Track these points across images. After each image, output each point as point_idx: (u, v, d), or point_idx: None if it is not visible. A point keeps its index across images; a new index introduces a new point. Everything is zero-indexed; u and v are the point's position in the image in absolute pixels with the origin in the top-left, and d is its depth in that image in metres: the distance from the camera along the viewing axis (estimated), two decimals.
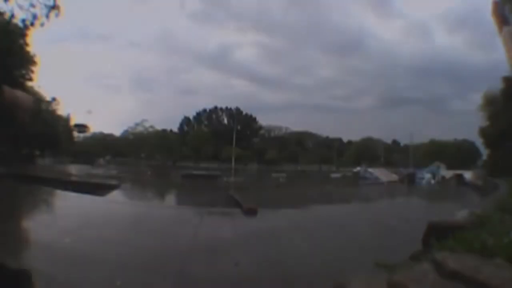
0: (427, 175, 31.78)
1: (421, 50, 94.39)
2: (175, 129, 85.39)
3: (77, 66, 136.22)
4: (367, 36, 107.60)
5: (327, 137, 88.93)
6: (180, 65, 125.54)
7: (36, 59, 25.89)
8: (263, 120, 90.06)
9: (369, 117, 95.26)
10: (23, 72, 25.25)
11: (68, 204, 8.81)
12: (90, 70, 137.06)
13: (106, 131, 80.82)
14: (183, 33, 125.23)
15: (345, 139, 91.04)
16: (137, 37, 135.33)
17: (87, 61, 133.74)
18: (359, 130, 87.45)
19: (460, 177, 30.60)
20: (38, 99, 35.71)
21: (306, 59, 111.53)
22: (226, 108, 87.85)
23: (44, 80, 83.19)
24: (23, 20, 8.13)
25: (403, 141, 76.85)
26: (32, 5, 7.75)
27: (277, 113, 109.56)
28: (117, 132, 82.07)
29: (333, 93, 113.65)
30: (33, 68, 26.10)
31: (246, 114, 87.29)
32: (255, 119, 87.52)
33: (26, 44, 22.63)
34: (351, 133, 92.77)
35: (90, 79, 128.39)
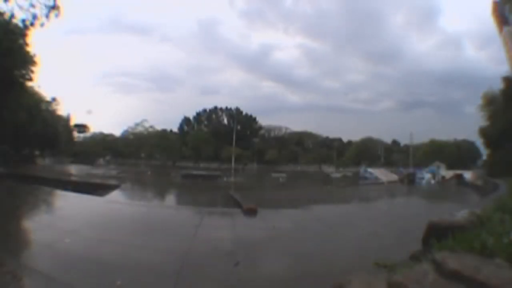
0: (427, 175, 31.80)
1: (446, 61, 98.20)
2: (175, 129, 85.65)
3: (94, 63, 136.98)
4: (402, 47, 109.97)
5: (327, 137, 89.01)
6: (207, 63, 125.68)
7: (36, 59, 25.86)
8: (280, 120, 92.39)
9: (385, 118, 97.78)
10: (23, 72, 25.20)
11: (68, 204, 8.80)
12: (113, 65, 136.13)
13: (106, 131, 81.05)
14: (224, 31, 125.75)
15: (345, 139, 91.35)
16: (171, 32, 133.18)
17: (106, 58, 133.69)
18: (374, 131, 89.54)
19: (460, 177, 30.64)
20: (38, 99, 35.65)
21: (340, 64, 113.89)
22: (226, 108, 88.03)
23: (53, 79, 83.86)
24: (23, 20, 8.12)
25: (403, 141, 76.99)
26: (32, 5, 7.74)
27: (296, 113, 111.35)
28: (117, 132, 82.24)
29: (356, 96, 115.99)
30: (33, 68, 26.05)
31: (246, 114, 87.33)
32: (255, 119, 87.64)
33: (26, 44, 22.62)
34: (351, 133, 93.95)
35: (107, 77, 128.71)
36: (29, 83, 27.69)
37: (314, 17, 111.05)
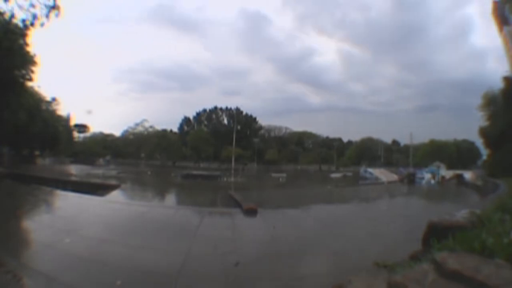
0: (427, 175, 31.77)
1: (468, 72, 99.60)
2: (175, 129, 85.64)
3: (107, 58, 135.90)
4: (431, 57, 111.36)
5: (327, 137, 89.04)
6: (240, 63, 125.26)
7: (36, 59, 25.86)
8: (298, 121, 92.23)
9: (398, 120, 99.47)
10: (23, 72, 25.20)
11: (68, 204, 8.80)
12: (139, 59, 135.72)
13: (106, 131, 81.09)
14: (272, 31, 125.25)
15: (345, 139, 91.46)
16: (212, 28, 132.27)
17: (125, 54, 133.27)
18: (376, 131, 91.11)
19: (460, 177, 30.62)
20: (38, 99, 35.61)
21: (371, 70, 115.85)
22: (226, 108, 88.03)
23: (53, 79, 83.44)
24: (23, 20, 8.10)
25: (403, 141, 77.07)
26: (32, 5, 7.73)
27: (314, 114, 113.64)
28: (117, 132, 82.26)
29: (375, 99, 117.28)
30: (33, 68, 26.04)
31: (246, 114, 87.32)
32: (255, 119, 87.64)
33: (26, 44, 22.62)
34: (351, 133, 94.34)
35: (129, 73, 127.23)
36: (29, 83, 27.72)
37: (362, 26, 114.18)
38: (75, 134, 70.78)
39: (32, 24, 8.01)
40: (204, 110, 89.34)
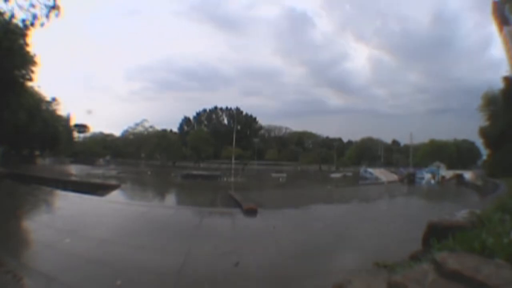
0: (427, 175, 31.77)
1: (483, 80, 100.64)
2: (175, 129, 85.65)
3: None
4: (454, 67, 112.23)
5: (327, 137, 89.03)
6: (270, 64, 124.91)
7: (36, 59, 25.85)
8: (318, 122, 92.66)
9: (412, 121, 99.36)
10: (23, 72, 25.20)
11: (68, 204, 8.80)
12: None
13: (106, 131, 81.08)
14: (311, 34, 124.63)
15: (345, 139, 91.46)
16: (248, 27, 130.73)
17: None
18: (379, 131, 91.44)
19: (460, 177, 30.62)
20: (38, 99, 35.60)
21: (397, 76, 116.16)
22: (226, 108, 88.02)
23: (53, 79, 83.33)
24: (23, 20, 8.10)
25: (403, 141, 77.07)
26: (32, 5, 7.73)
27: (331, 116, 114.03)
28: (117, 132, 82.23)
29: (394, 103, 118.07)
30: (33, 68, 26.03)
31: (246, 114, 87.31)
32: (255, 119, 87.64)
33: (26, 44, 22.61)
34: (352, 133, 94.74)
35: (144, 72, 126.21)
36: (29, 83, 27.71)
37: (398, 35, 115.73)
38: (75, 134, 70.83)
39: (32, 24, 8.01)
40: (204, 110, 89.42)
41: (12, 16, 8.33)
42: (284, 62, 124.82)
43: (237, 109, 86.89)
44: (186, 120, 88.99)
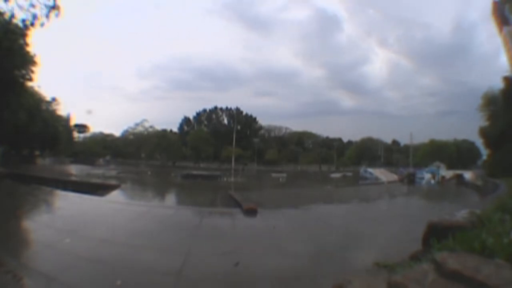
0: (427, 175, 31.77)
1: (493, 84, 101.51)
2: (175, 129, 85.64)
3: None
4: (468, 74, 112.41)
5: (327, 137, 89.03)
6: (289, 65, 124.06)
7: (36, 59, 25.85)
8: (330, 123, 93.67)
9: (418, 122, 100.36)
10: (23, 72, 25.20)
11: (68, 204, 8.80)
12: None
13: (106, 131, 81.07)
14: (335, 37, 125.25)
15: (345, 139, 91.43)
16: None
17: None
18: (380, 131, 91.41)
19: (460, 177, 30.62)
20: (38, 99, 35.59)
21: (412, 80, 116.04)
22: (226, 108, 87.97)
23: (53, 79, 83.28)
24: (23, 20, 8.10)
25: (403, 141, 77.03)
26: (32, 5, 7.73)
27: (341, 117, 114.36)
28: (117, 132, 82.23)
29: (404, 104, 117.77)
30: (33, 68, 26.03)
31: (246, 114, 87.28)
32: (255, 119, 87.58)
33: (26, 44, 22.61)
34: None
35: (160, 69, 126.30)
36: (29, 83, 27.71)
37: (419, 42, 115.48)
38: (75, 134, 70.83)
39: (32, 24, 8.01)
40: (204, 110, 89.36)
41: (12, 16, 8.33)
42: (304, 64, 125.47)
43: (237, 109, 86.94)
44: (186, 120, 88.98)
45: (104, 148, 75.23)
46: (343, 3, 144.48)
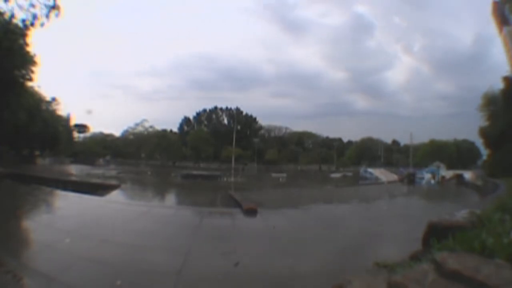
0: (427, 175, 31.76)
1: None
2: (175, 129, 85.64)
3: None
4: (480, 79, 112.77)
5: (327, 137, 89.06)
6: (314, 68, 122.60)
7: (36, 59, 25.87)
8: (342, 123, 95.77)
9: (426, 123, 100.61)
10: (23, 72, 25.21)
11: (68, 204, 8.80)
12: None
13: (106, 131, 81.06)
14: (366, 41, 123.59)
15: (345, 139, 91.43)
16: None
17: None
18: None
19: (460, 177, 30.62)
20: (38, 99, 35.59)
21: (428, 85, 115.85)
22: (226, 108, 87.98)
23: (53, 79, 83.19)
24: (23, 20, 8.11)
25: (403, 141, 76.98)
26: (32, 5, 7.73)
27: (352, 118, 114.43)
28: (117, 132, 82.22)
29: (416, 106, 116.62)
30: (33, 68, 26.05)
31: (246, 114, 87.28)
32: (255, 119, 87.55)
33: (26, 44, 22.63)
34: (352, 133, 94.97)
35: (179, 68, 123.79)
36: (29, 83, 27.74)
37: (441, 50, 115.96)
38: (75, 134, 70.80)
39: (32, 24, 8.02)
40: (204, 110, 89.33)
41: (12, 16, 8.34)
42: (327, 66, 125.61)
43: (237, 109, 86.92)
44: (186, 120, 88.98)
45: (104, 148, 75.20)
46: (376, 10, 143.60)
